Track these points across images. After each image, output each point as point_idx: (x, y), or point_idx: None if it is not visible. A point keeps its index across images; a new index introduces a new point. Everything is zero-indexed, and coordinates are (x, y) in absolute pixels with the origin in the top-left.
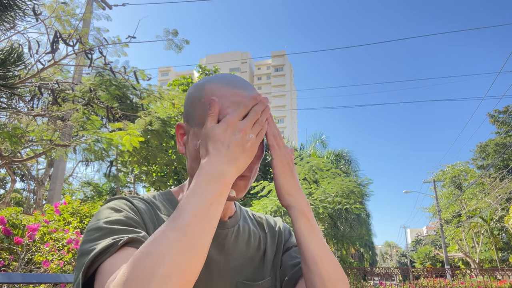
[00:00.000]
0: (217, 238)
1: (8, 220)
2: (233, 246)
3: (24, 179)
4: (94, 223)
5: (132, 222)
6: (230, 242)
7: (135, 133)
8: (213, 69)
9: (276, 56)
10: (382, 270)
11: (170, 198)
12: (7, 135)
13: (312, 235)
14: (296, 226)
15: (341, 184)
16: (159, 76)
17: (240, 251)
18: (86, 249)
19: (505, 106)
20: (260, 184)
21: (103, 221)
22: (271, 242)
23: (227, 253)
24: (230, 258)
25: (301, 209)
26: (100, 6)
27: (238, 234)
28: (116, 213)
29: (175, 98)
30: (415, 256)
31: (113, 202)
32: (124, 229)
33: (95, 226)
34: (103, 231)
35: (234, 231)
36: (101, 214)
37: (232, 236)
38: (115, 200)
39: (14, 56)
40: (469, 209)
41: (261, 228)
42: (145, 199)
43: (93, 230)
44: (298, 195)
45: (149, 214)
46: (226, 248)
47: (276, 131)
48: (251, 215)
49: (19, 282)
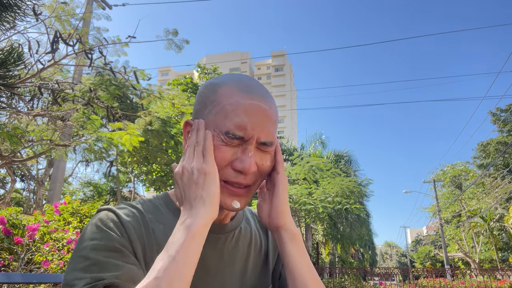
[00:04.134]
0: (216, 242)
1: (8, 220)
2: (233, 250)
3: (24, 179)
4: (80, 247)
5: (116, 245)
6: (230, 246)
7: (135, 133)
8: (212, 69)
9: (276, 56)
10: (382, 270)
11: (167, 201)
12: (7, 135)
13: (302, 259)
14: (287, 249)
15: (341, 184)
16: (159, 76)
17: (241, 255)
18: (69, 282)
19: (507, 104)
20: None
21: (90, 247)
22: (273, 248)
23: (227, 258)
24: (230, 263)
25: (293, 232)
26: (100, 6)
27: (239, 237)
28: (101, 235)
29: (175, 98)
30: (415, 256)
31: (100, 216)
32: (107, 263)
33: (81, 254)
34: (88, 262)
35: (235, 234)
36: (87, 234)
37: (233, 240)
38: (103, 212)
39: (14, 56)
40: (469, 209)
41: (264, 230)
42: (137, 208)
43: (79, 258)
44: (290, 218)
45: (137, 229)
46: (226, 253)
47: (281, 158)
48: (255, 215)
49: (19, 282)
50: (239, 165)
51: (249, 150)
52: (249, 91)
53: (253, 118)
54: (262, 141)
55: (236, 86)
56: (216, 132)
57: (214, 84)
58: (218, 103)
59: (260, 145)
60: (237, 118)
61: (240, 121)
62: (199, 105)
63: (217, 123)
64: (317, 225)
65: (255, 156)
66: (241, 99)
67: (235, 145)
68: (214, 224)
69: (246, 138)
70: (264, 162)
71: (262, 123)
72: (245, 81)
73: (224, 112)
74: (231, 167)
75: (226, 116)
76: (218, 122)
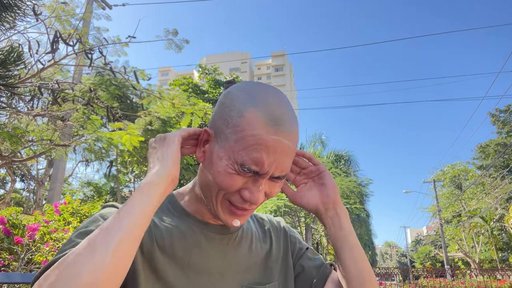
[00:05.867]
0: (220, 243)
1: (8, 220)
2: (236, 250)
3: (24, 179)
4: (73, 232)
5: None
6: (233, 247)
7: (135, 133)
8: (212, 69)
9: (276, 56)
10: (382, 270)
11: (171, 200)
12: (7, 135)
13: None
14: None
15: (341, 184)
16: (159, 76)
17: (243, 255)
18: (51, 262)
19: (506, 105)
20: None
21: (79, 231)
22: (276, 244)
23: (230, 258)
24: (233, 262)
25: (345, 209)
26: (100, 6)
27: (242, 237)
28: (95, 224)
29: (175, 98)
30: (415, 256)
31: (102, 210)
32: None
33: (70, 238)
34: (72, 244)
35: (238, 235)
36: (84, 223)
37: (236, 241)
38: (106, 208)
39: (14, 56)
40: (469, 209)
41: (263, 229)
42: None
43: (68, 241)
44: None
45: None
46: (228, 253)
47: (310, 154)
48: (253, 215)
49: (19, 282)
50: (248, 196)
51: (260, 184)
52: (276, 123)
53: (273, 155)
54: (276, 176)
55: (264, 115)
56: (232, 159)
57: (241, 103)
58: (241, 131)
59: (273, 178)
60: (257, 154)
61: (259, 157)
62: (220, 119)
63: (235, 151)
64: (317, 225)
65: (265, 186)
66: (265, 133)
67: (248, 176)
68: (217, 225)
69: (261, 173)
70: (273, 190)
71: (281, 159)
72: (274, 108)
73: (245, 143)
74: (238, 194)
75: (246, 147)
76: (236, 151)
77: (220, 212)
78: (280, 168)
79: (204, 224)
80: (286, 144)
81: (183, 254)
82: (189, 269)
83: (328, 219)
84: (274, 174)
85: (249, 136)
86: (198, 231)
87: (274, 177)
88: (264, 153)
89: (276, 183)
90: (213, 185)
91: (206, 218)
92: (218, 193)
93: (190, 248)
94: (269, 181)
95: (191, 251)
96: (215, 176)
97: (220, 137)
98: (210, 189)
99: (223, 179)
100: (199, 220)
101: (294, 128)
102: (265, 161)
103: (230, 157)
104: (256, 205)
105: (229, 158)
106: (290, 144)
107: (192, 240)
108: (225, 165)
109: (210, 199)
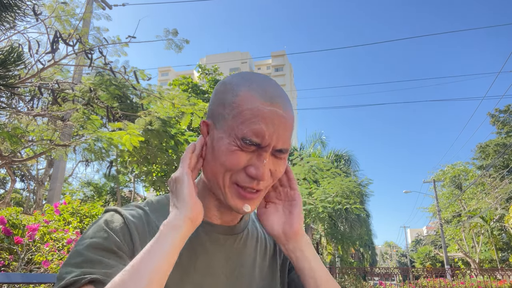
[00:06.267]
0: (224, 244)
1: (8, 220)
2: (241, 252)
3: (24, 179)
4: (79, 243)
5: (113, 247)
6: (238, 248)
7: (135, 133)
8: (213, 69)
9: (276, 56)
10: (382, 270)
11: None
12: (7, 135)
13: (319, 262)
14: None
15: (341, 184)
16: (159, 76)
17: (248, 257)
18: (61, 275)
19: (506, 105)
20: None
21: (87, 244)
22: (280, 250)
23: (235, 259)
24: (238, 264)
25: (307, 238)
26: (100, 6)
27: (247, 238)
28: (101, 234)
29: (175, 98)
30: (415, 256)
31: (106, 217)
32: (100, 262)
33: (78, 250)
34: (82, 258)
35: (243, 236)
36: (89, 232)
37: (241, 242)
38: (109, 213)
39: (14, 56)
40: (469, 209)
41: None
42: (143, 209)
43: (75, 253)
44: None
45: (141, 230)
46: (234, 254)
47: (293, 176)
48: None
49: (19, 282)
50: (254, 172)
51: (264, 157)
52: (270, 96)
53: (271, 125)
54: (278, 149)
55: (257, 91)
56: (232, 136)
57: (234, 85)
58: (237, 107)
59: (276, 152)
60: (255, 125)
61: (259, 128)
62: (216, 105)
63: (234, 127)
64: (317, 225)
65: (269, 163)
66: (261, 105)
67: (251, 150)
68: (222, 226)
69: (263, 145)
70: (278, 168)
71: (280, 131)
72: (266, 85)
73: (242, 117)
74: (244, 172)
75: (244, 121)
76: (235, 126)
77: (229, 198)
78: (282, 140)
79: (209, 224)
80: (282, 115)
81: (188, 258)
82: (194, 272)
83: (289, 252)
84: (277, 147)
85: (245, 110)
86: (202, 232)
87: (276, 150)
88: (263, 124)
89: (280, 159)
90: (218, 169)
91: (211, 215)
92: (224, 176)
93: (195, 251)
94: (273, 157)
95: (196, 254)
96: (219, 156)
97: (218, 122)
98: (216, 175)
99: (227, 158)
100: (203, 221)
101: (288, 104)
102: (266, 132)
103: (231, 134)
104: (264, 183)
105: (230, 136)
106: (287, 116)
107: (197, 242)
108: (227, 143)
109: (218, 186)
